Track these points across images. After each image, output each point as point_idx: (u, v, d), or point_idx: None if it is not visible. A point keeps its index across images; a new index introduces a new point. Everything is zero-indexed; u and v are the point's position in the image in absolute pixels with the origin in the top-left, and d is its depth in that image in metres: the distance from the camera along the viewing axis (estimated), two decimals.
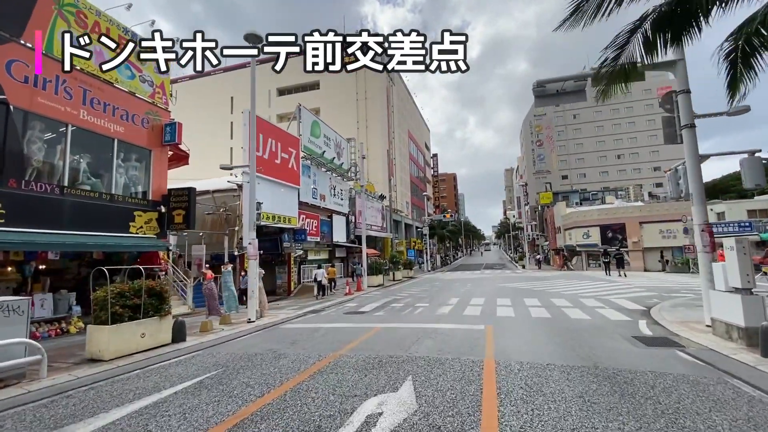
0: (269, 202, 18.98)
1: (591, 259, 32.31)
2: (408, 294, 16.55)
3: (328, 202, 26.68)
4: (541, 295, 13.91)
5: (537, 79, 8.93)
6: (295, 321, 10.47)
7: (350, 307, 12.77)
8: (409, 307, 12.03)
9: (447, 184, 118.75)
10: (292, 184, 20.94)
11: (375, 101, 43.51)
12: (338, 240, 27.60)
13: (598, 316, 9.46)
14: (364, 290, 19.13)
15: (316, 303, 14.88)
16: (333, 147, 27.64)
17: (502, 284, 19.60)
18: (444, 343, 6.83)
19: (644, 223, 29.62)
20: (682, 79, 8.20)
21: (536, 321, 8.99)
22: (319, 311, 12.18)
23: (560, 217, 37.59)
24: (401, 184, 50.39)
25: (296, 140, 21.91)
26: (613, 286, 16.52)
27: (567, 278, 22.24)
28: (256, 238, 10.70)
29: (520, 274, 28.07)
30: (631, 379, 4.62)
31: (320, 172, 26.12)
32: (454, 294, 15.59)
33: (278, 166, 19.79)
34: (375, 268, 21.01)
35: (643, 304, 11.23)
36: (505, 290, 16.42)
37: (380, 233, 36.30)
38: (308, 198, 23.87)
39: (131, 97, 12.46)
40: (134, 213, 12.18)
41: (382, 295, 16.38)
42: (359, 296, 16.65)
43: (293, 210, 21.17)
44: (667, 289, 14.55)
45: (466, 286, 19.34)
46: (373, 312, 11.42)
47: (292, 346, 7.10)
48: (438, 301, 13.25)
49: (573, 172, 70.41)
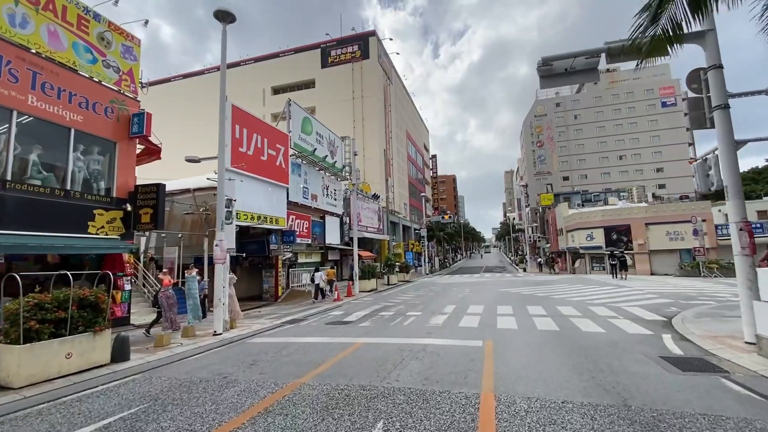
0: (254, 201, 17.80)
1: (595, 261, 31.07)
2: (401, 300, 15.30)
3: (321, 203, 25.47)
4: (546, 302, 12.67)
5: (542, 56, 7.73)
6: (267, 333, 9.22)
7: (335, 316, 11.53)
8: (399, 316, 10.79)
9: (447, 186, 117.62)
10: (280, 182, 19.75)
11: (372, 100, 42.40)
12: (331, 242, 26.38)
13: (613, 328, 8.22)
14: (355, 296, 17.89)
15: (303, 310, 13.65)
16: (326, 145, 26.47)
17: (503, 289, 18.36)
18: (433, 367, 5.59)
19: (650, 225, 28.39)
20: (712, 53, 7.01)
21: (543, 335, 7.75)
22: (299, 321, 10.94)
23: (562, 218, 36.37)
24: (399, 185, 49.22)
25: (285, 136, 20.72)
26: (623, 291, 15.27)
27: (571, 282, 20.99)
28: (224, 240, 9.47)
29: (521, 278, 26.82)
30: (680, 430, 3.39)
31: (312, 171, 24.93)
32: (450, 300, 14.35)
33: (264, 163, 18.60)
34: (368, 271, 19.77)
35: (660, 313, 9.99)
36: (506, 296, 15.18)
37: (376, 235, 35.08)
38: (298, 198, 22.67)
39: (92, 83, 11.26)
40: (94, 211, 10.96)
41: (373, 302, 15.14)
42: (348, 302, 15.41)
43: (281, 210, 19.97)
44: (682, 296, 13.31)
45: (464, 291, 18.09)
46: (358, 322, 10.18)
47: (248, 370, 5.86)
48: (432, 309, 12.01)
49: (574, 174, 69.24)
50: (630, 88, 68.25)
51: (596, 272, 30.50)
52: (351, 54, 43.48)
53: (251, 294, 21.43)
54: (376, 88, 42.97)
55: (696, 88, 7.44)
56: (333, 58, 44.39)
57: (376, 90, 42.83)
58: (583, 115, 69.77)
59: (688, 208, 27.74)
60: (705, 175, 7.34)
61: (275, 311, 14.04)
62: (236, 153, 16.61)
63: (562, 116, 70.69)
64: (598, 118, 68.88)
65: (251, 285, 21.60)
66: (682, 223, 27.48)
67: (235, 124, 16.84)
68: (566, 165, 69.94)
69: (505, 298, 14.61)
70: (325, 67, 44.66)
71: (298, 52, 46.26)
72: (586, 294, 14.80)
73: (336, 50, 44.32)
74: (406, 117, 57.27)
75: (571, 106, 70.65)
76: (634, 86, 68.38)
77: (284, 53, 46.97)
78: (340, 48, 44.14)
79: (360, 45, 43.32)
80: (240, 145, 17.01)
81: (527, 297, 14.64)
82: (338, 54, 44.16)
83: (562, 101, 71.54)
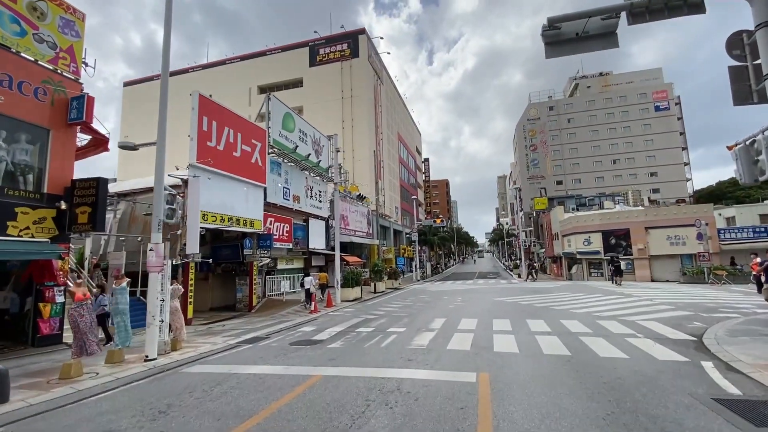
0: (225, 201, 16.11)
1: (592, 267, 29.73)
2: (385, 312, 13.65)
3: (303, 204, 23.81)
4: (547, 315, 11.13)
5: (549, 17, 6.25)
6: (214, 358, 7.52)
7: (304, 334, 9.85)
8: (378, 334, 9.14)
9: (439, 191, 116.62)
10: (255, 181, 18.08)
11: (362, 99, 40.95)
12: (316, 247, 24.69)
13: (636, 352, 6.69)
14: (336, 306, 16.20)
15: (273, 323, 11.94)
16: (310, 144, 24.87)
17: (498, 298, 16.82)
18: (406, 424, 3.96)
19: (650, 229, 27.16)
20: (761, 8, 5.58)
21: (552, 363, 6.18)
22: (260, 340, 9.23)
23: (558, 222, 35.10)
24: (390, 188, 47.72)
25: (262, 132, 19.10)
26: (631, 302, 13.80)
27: (572, 290, 19.52)
28: (160, 243, 7.75)
29: (516, 285, 25.33)
30: None
31: (294, 171, 23.29)
32: (440, 312, 12.74)
33: (237, 160, 16.94)
34: (351, 278, 18.09)
35: (684, 329, 8.51)
36: (502, 307, 13.62)
37: (365, 240, 33.46)
38: (278, 199, 21.00)
39: (18, 59, 9.56)
40: (17, 209, 9.21)
41: (354, 314, 13.47)
42: (326, 315, 13.72)
43: (257, 212, 18.29)
44: (700, 307, 11.86)
45: (455, 300, 16.51)
46: (328, 342, 8.52)
47: (149, 425, 4.18)
48: (418, 324, 10.39)
49: (568, 178, 68.41)
50: (623, 92, 67.87)
51: (595, 278, 29.15)
52: (340, 52, 42.08)
53: (226, 303, 19.64)
54: (366, 87, 41.56)
55: (738, 55, 6.01)
56: (321, 57, 42.94)
57: (365, 89, 41.41)
58: (576, 118, 69.12)
59: (689, 211, 26.58)
60: (752, 161, 5.87)
61: (241, 325, 12.30)
62: (203, 147, 14.94)
63: (555, 120, 69.99)
64: (592, 122, 68.28)
65: (225, 294, 19.81)
66: (683, 227, 26.29)
67: (203, 115, 15.19)
68: (560, 169, 69.12)
69: (501, 309, 13.05)
70: (313, 66, 43.18)
71: (285, 51, 44.73)
72: (590, 305, 13.31)
73: (324, 48, 42.89)
74: (397, 119, 55.97)
75: (565, 110, 70.00)
76: (627, 90, 68.04)
77: (271, 51, 45.42)
78: (329, 46, 42.73)
79: (349, 43, 41.96)
80: (208, 139, 15.35)
81: (525, 308, 13.09)
82: (327, 52, 42.73)
83: (555, 104, 70.93)
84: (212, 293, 19.77)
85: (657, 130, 64.90)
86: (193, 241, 14.17)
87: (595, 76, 73.42)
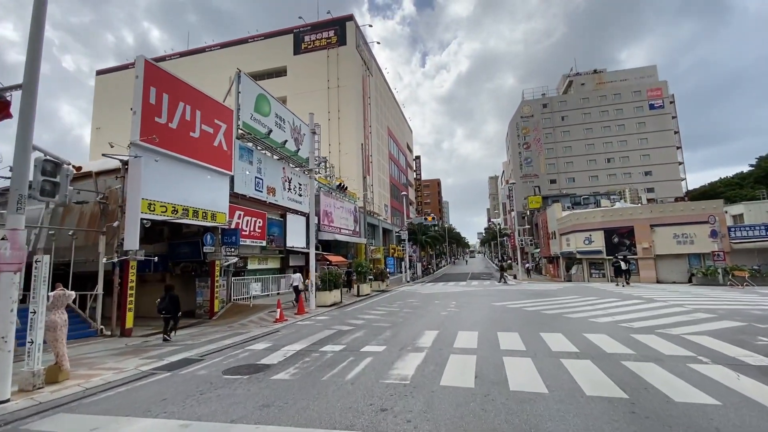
0: (178, 189, 13.63)
1: (594, 267, 27.80)
2: (364, 321, 11.31)
3: (280, 197, 21.35)
4: (564, 326, 8.94)
5: None
6: (93, 400, 5.11)
7: (251, 354, 7.45)
8: (348, 356, 6.80)
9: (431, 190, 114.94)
10: (219, 168, 15.61)
11: (349, 90, 38.58)
12: (294, 245, 22.24)
13: (719, 389, 4.49)
14: (309, 312, 13.79)
15: (226, 336, 9.50)
16: (289, 131, 22.44)
17: (498, 302, 14.61)
18: None
19: (656, 226, 25.33)
20: None
21: (605, 412, 3.94)
22: (187, 364, 6.81)
23: (555, 221, 33.17)
24: (379, 185, 45.41)
25: (228, 112, 16.63)
26: (658, 308, 11.68)
27: (580, 293, 17.42)
28: (20, 230, 5.25)
29: (514, 288, 23.20)
30: None
31: (269, 160, 20.83)
32: (430, 322, 10.45)
33: (196, 142, 14.46)
34: (329, 280, 15.68)
35: (753, 347, 6.38)
36: (506, 314, 11.40)
37: (352, 238, 31.06)
38: (249, 190, 18.54)
39: None
40: None
41: (326, 323, 11.09)
42: (293, 324, 11.31)
43: (221, 203, 15.82)
44: (748, 315, 9.76)
45: (449, 305, 14.25)
46: (275, 370, 6.16)
47: None
48: (403, 339, 8.08)
49: (561, 176, 66.95)
50: (617, 90, 66.73)
51: (596, 279, 27.22)
52: (326, 40, 39.66)
53: (185, 309, 17.06)
54: (354, 77, 39.20)
55: None
56: (307, 44, 40.46)
57: (353, 79, 39.05)
58: (570, 116, 67.76)
59: (698, 207, 24.80)
60: None
61: (185, 339, 9.85)
62: (149, 123, 12.45)
63: (549, 117, 68.53)
64: (586, 120, 66.98)
65: (185, 298, 17.14)
66: (690, 225, 24.52)
67: (150, 85, 12.71)
68: (553, 168, 67.66)
69: (505, 317, 10.80)
70: (297, 54, 40.67)
71: (268, 38, 42.14)
72: (610, 311, 11.16)
73: (310, 36, 40.43)
74: (387, 114, 53.72)
75: (559, 107, 68.61)
76: (621, 88, 66.91)
77: (254, 39, 42.77)
78: (315, 33, 40.28)
79: (336, 30, 39.57)
80: (156, 114, 12.85)
81: (533, 316, 10.88)
82: (312, 40, 40.27)
83: (549, 102, 69.49)
84: None
85: (651, 129, 63.85)
86: (132, 234, 11.67)
87: (590, 74, 72.21)
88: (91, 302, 11.98)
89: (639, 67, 70.19)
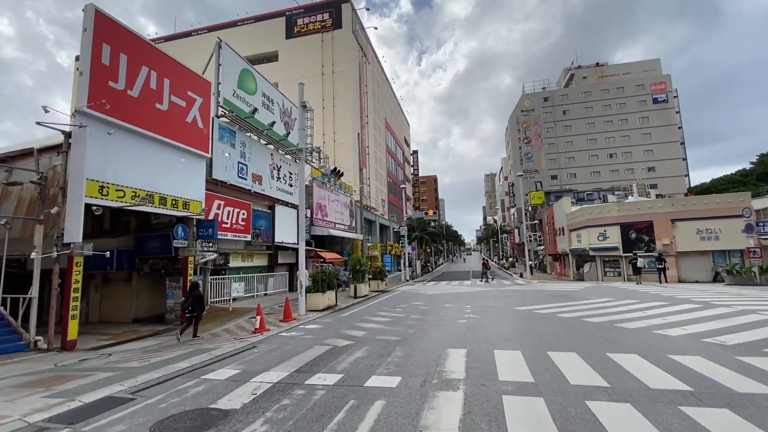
0: (140, 171, 11.29)
1: (608, 265, 25.82)
2: (365, 331, 9.07)
3: (267, 187, 19.06)
4: (630, 342, 6.82)
5: None
6: None
7: (206, 388, 5.19)
8: (347, 400, 4.55)
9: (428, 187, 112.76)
10: (193, 148, 13.26)
11: (345, 75, 36.20)
12: (284, 240, 19.97)
13: None
14: (297, 319, 11.51)
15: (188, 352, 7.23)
16: (278, 113, 20.15)
17: (521, 306, 12.48)
18: None
19: (677, 221, 23.40)
20: None
21: None
22: (95, 415, 4.43)
23: (564, 216, 31.16)
24: (376, 179, 43.13)
25: (204, 84, 14.28)
26: (724, 314, 9.58)
27: (608, 294, 15.36)
28: None
29: (527, 288, 21.12)
30: None
31: (256, 145, 18.53)
32: (450, 334, 8.26)
33: (163, 115, 12.11)
34: (322, 280, 13.41)
35: None
36: (540, 323, 9.25)
37: (347, 233, 28.82)
38: (230, 177, 16.26)
39: None
40: None
41: (317, 335, 8.83)
42: (273, 337, 9.03)
43: (196, 190, 13.51)
44: None
45: (464, 310, 12.07)
46: (231, 428, 3.91)
47: None
48: (421, 364, 5.89)
49: (563, 172, 65.15)
50: (620, 83, 64.93)
51: (611, 278, 25.26)
52: (321, 23, 37.21)
53: (155, 313, 14.75)
54: (350, 62, 36.83)
55: None
56: (300, 28, 37.98)
57: (350, 65, 36.68)
58: (572, 110, 65.87)
59: (723, 201, 22.89)
60: None
61: (136, 356, 7.57)
62: (100, 87, 10.11)
63: (550, 111, 66.61)
64: (588, 114, 65.14)
65: (155, 300, 14.89)
66: (716, 220, 22.61)
67: (103, 42, 10.35)
68: (554, 163, 65.80)
69: (542, 328, 8.64)
70: (290, 38, 38.18)
71: (259, 21, 39.57)
72: (667, 318, 9.06)
73: (303, 18, 37.95)
74: (385, 104, 51.38)
75: (560, 101, 66.69)
76: (624, 81, 65.12)
77: (243, 22, 40.18)
78: (308, 16, 37.80)
79: (331, 12, 37.13)
80: (111, 78, 10.49)
81: (577, 325, 8.73)
82: (306, 23, 37.80)
83: (550, 95, 67.57)
84: (137, 299, 14.84)
85: (655, 124, 62.18)
86: (75, 223, 9.30)
87: (591, 67, 70.33)
88: (24, 307, 9.62)
89: (642, 61, 68.42)
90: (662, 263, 19.02)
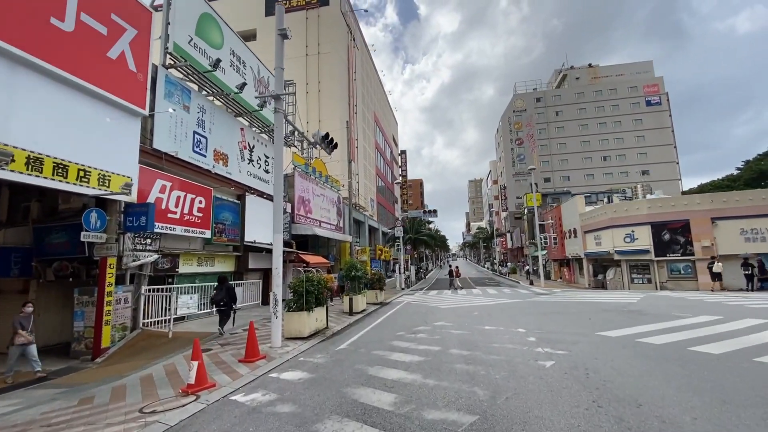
0: (21, 120, 6.90)
1: (636, 271, 22.56)
2: (395, 398, 5.01)
3: (235, 169, 14.76)
4: None
5: None
6: None
7: None
8: None
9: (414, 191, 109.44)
10: (118, 97, 8.89)
11: (332, 57, 32.20)
12: (257, 239, 15.63)
13: None
14: (266, 357, 7.21)
15: None
16: (252, 80, 15.93)
17: (600, 330, 8.67)
18: None
19: (717, 220, 20.40)
20: None
21: None
22: None
23: (577, 216, 27.94)
24: (365, 175, 39.11)
25: (141, 10, 9.97)
26: None
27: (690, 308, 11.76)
28: None
29: (555, 299, 17.45)
30: None
31: (220, 113, 14.21)
32: (569, 409, 4.31)
33: (66, 39, 7.73)
34: (306, 292, 9.18)
35: None
36: (668, 366, 5.50)
37: (335, 234, 24.56)
38: (183, 150, 11.86)
39: None
40: None
41: (302, 413, 4.65)
42: (216, 409, 4.81)
43: (123, 159, 9.14)
44: None
45: (526, 340, 8.12)
46: None
47: None
48: None
49: (556, 175, 62.89)
50: (613, 85, 63.48)
51: (639, 285, 21.98)
52: None
53: (62, 340, 10.20)
54: (338, 43, 32.88)
55: None
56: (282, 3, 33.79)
57: (338, 46, 32.72)
58: (565, 111, 63.91)
59: None
60: None
61: None
62: None
63: (543, 111, 64.46)
64: (581, 116, 63.29)
65: (64, 320, 10.32)
66: (763, 218, 19.70)
67: None
68: (547, 165, 63.47)
69: (686, 377, 4.83)
70: (270, 15, 33.93)
71: None
72: None
73: None
74: (374, 98, 47.60)
75: (553, 102, 64.66)
76: (617, 83, 63.71)
77: None
78: None
79: None
80: None
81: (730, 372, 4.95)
82: None
83: (543, 96, 65.48)
84: (36, 320, 10.29)
85: (648, 126, 60.85)
86: None
87: (584, 68, 68.81)
88: None
89: (634, 62, 67.31)
90: (749, 268, 16.07)
